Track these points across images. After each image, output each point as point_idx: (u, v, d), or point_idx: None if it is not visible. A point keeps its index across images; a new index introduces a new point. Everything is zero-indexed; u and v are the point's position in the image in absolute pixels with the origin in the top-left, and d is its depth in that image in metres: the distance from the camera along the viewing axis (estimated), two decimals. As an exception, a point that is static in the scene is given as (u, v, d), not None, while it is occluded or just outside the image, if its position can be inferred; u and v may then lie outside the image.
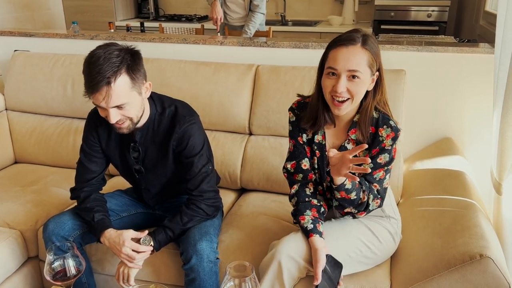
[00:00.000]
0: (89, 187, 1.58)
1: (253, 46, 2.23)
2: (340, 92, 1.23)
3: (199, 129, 1.53)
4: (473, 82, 1.97)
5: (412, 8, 3.56)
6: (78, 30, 2.62)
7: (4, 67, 2.60)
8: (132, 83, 1.34)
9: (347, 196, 1.29)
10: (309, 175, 1.43)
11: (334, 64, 1.24)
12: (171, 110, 1.51)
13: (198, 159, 1.49)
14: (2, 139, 2.23)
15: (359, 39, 1.24)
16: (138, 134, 1.50)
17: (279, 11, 4.30)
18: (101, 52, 1.30)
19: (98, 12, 4.30)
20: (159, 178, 1.59)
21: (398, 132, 1.31)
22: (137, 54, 1.38)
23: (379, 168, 1.33)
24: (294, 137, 1.44)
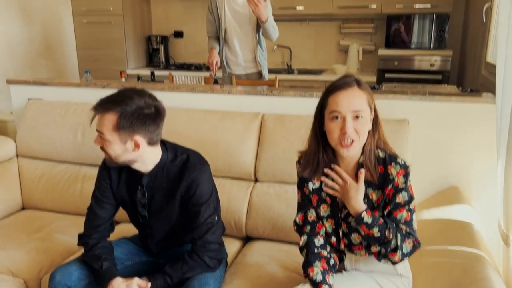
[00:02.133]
0: (98, 234, 1.59)
1: (259, 95, 2.28)
2: (349, 133, 1.26)
3: (208, 178, 1.54)
4: (477, 131, 1.98)
5: (415, 58, 3.65)
6: (90, 79, 2.71)
7: (17, 114, 2.68)
8: (117, 128, 1.38)
9: (369, 232, 1.28)
10: (317, 226, 1.42)
11: (337, 107, 1.28)
12: (183, 158, 1.54)
13: (205, 208, 1.50)
14: (12, 186, 2.26)
15: (353, 82, 1.30)
16: (145, 178, 1.53)
17: (286, 60, 4.42)
18: (127, 90, 1.43)
19: (110, 61, 4.45)
20: (164, 224, 1.60)
21: (407, 169, 1.32)
22: (150, 115, 1.40)
23: (399, 208, 1.32)
24: (301, 188, 1.46)
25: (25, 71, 3.89)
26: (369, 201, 1.34)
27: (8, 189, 2.23)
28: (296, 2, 3.97)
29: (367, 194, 1.35)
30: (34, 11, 3.97)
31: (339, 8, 3.88)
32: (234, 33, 3.11)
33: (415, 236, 1.33)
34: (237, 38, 3.12)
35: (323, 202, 1.42)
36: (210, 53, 3.12)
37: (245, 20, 3.04)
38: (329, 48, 4.33)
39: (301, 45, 4.38)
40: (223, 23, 3.09)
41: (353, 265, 1.44)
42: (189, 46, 4.74)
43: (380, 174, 1.33)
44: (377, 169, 1.33)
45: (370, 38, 4.18)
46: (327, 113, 1.31)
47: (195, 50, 4.72)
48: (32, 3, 3.94)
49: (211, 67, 3.09)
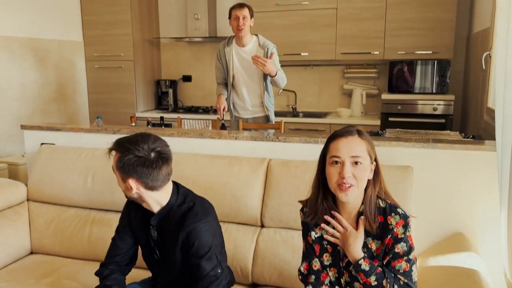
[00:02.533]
0: (114, 265, 1.68)
1: (265, 140, 2.34)
2: (347, 178, 1.31)
3: (209, 230, 1.54)
4: (480, 178, 2.01)
5: (418, 102, 3.73)
6: (101, 124, 2.79)
7: (30, 158, 2.75)
8: (117, 168, 1.50)
9: (367, 280, 1.30)
10: (322, 275, 1.44)
11: (337, 153, 1.34)
12: (189, 205, 1.58)
13: (206, 261, 1.49)
14: (21, 230, 2.29)
15: (355, 132, 1.37)
16: (154, 219, 1.59)
17: (291, 103, 4.53)
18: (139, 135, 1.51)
19: (120, 104, 4.58)
20: (171, 266, 1.61)
21: (407, 219, 1.34)
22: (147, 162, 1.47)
23: (398, 258, 1.33)
24: (305, 237, 1.49)
25: (37, 115, 4.01)
26: (369, 251, 1.36)
27: (18, 234, 2.26)
28: (301, 48, 4.12)
29: (367, 243, 1.37)
30: (49, 57, 4.14)
31: (343, 55, 4.01)
32: (242, 80, 3.22)
33: (413, 287, 1.34)
34: (245, 84, 3.23)
35: (325, 251, 1.44)
36: (218, 99, 3.22)
37: (253, 68, 3.16)
38: (333, 91, 4.44)
39: (306, 89, 4.50)
40: (231, 70, 3.21)
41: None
42: (197, 90, 4.88)
43: (379, 223, 1.36)
44: (377, 219, 1.36)
45: (373, 82, 4.29)
46: (328, 158, 1.37)
47: (203, 93, 4.85)
48: (47, 49, 4.11)
49: (219, 112, 3.19)
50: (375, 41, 3.91)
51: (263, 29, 4.10)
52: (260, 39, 3.19)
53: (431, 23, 3.73)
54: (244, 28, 3.06)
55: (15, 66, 3.76)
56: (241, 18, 3.04)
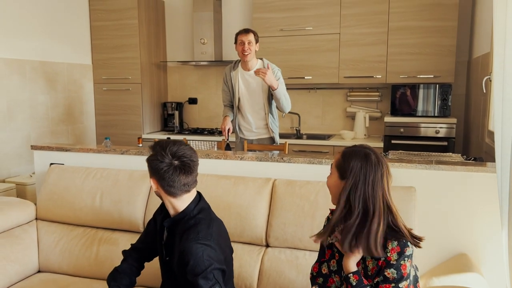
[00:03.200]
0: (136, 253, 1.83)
1: (270, 161, 2.39)
2: None
3: (204, 250, 1.51)
4: (482, 199, 2.04)
5: (421, 125, 3.78)
6: (109, 145, 2.85)
7: (39, 178, 2.80)
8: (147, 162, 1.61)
9: None
10: (329, 280, 1.49)
11: None
12: (196, 221, 1.59)
13: (202, 280, 1.47)
14: (29, 249, 2.32)
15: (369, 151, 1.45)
16: (168, 221, 1.65)
17: (294, 126, 4.59)
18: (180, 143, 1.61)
19: (127, 126, 4.66)
20: (172, 274, 1.64)
21: (404, 248, 1.35)
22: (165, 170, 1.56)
23: (387, 283, 1.35)
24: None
25: (46, 136, 4.08)
26: (365, 267, 1.41)
27: (26, 252, 2.29)
28: (305, 72, 4.21)
29: (366, 259, 1.42)
30: (58, 79, 4.24)
31: (346, 78, 4.09)
32: (247, 103, 3.30)
33: None
34: (250, 107, 3.30)
35: (333, 257, 1.50)
36: (224, 121, 3.30)
37: (258, 91, 3.24)
38: (336, 114, 4.51)
39: (310, 112, 4.57)
40: (237, 93, 3.28)
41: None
42: (203, 112, 4.96)
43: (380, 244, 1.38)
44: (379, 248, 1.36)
45: (376, 105, 4.36)
46: None
47: (208, 115, 4.93)
48: (57, 72, 4.22)
49: (224, 133, 3.25)
50: (377, 65, 3.99)
51: (268, 53, 4.21)
52: (265, 62, 3.27)
53: (432, 48, 3.82)
54: (249, 53, 3.15)
55: (26, 88, 3.86)
56: (247, 43, 3.13)
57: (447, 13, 3.74)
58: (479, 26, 3.60)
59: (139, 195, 2.27)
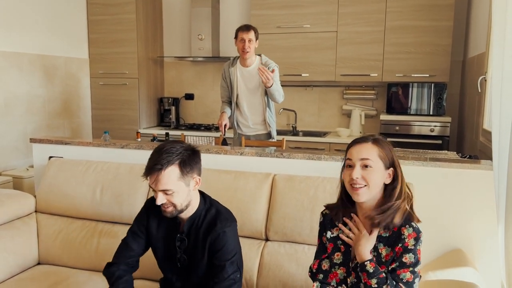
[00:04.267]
0: (125, 266, 1.68)
1: (270, 157, 2.41)
2: (356, 178, 1.40)
3: (235, 235, 1.64)
4: (477, 196, 2.09)
5: (416, 123, 3.83)
6: (109, 139, 2.86)
7: (38, 171, 2.81)
8: (181, 175, 1.53)
9: (368, 281, 1.36)
10: (329, 275, 1.52)
11: (350, 156, 1.46)
12: (216, 210, 1.66)
13: (229, 265, 1.57)
14: (29, 241, 2.33)
15: (369, 139, 1.48)
16: (185, 225, 1.64)
17: (291, 123, 4.62)
18: (167, 145, 1.55)
19: (123, 121, 4.66)
20: (199, 269, 1.65)
21: (419, 233, 1.42)
22: (195, 153, 1.59)
23: (404, 268, 1.39)
24: (320, 237, 1.59)
25: (42, 130, 4.07)
26: (378, 255, 1.44)
27: (26, 244, 2.30)
28: (302, 69, 4.24)
29: (378, 248, 1.45)
30: (55, 73, 4.23)
31: (342, 76, 4.13)
32: (245, 99, 3.32)
33: None
34: (248, 103, 3.33)
35: (338, 250, 1.53)
36: (221, 116, 3.32)
37: (256, 87, 3.26)
38: (332, 112, 4.55)
39: (306, 109, 4.60)
40: (235, 89, 3.31)
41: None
42: (199, 108, 4.97)
43: (393, 232, 1.43)
44: (392, 226, 1.42)
45: (371, 103, 4.40)
46: (345, 162, 1.49)
47: (205, 111, 4.95)
48: (54, 66, 4.21)
49: (220, 128, 3.28)
50: (373, 63, 4.04)
51: (265, 50, 4.23)
52: (263, 59, 3.30)
53: (428, 48, 3.87)
54: (249, 51, 3.17)
55: (23, 82, 3.85)
56: (247, 41, 3.15)
57: (443, 13, 3.79)
58: (475, 26, 3.65)
59: (140, 189, 2.28)
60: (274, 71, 3.15)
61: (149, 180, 1.54)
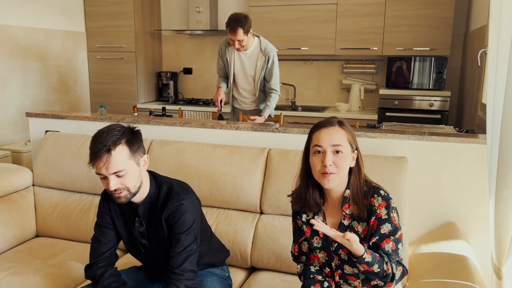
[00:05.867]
0: (104, 262, 1.64)
1: (266, 131, 2.41)
2: (329, 166, 1.37)
3: (192, 207, 1.60)
4: (472, 170, 2.09)
5: (415, 98, 3.80)
6: (105, 113, 2.85)
7: (35, 145, 2.81)
8: (131, 153, 1.50)
9: (369, 269, 1.33)
10: (311, 256, 1.52)
11: (319, 142, 1.40)
12: (168, 186, 1.63)
13: (185, 236, 1.55)
14: (27, 214, 2.35)
15: (336, 122, 1.44)
16: (141, 208, 1.61)
17: (290, 97, 4.59)
18: (105, 128, 1.51)
19: (121, 95, 4.64)
20: (162, 251, 1.64)
21: (389, 200, 1.41)
22: (137, 132, 1.56)
23: (385, 238, 1.39)
24: (294, 220, 1.57)
25: (39, 104, 4.06)
26: (356, 233, 1.42)
27: (24, 217, 2.33)
28: (301, 43, 4.18)
29: (353, 226, 1.44)
30: (51, 47, 4.18)
31: (342, 50, 4.07)
32: (241, 80, 3.28)
33: (402, 263, 1.41)
34: (243, 85, 3.30)
35: (316, 234, 1.50)
36: (217, 92, 3.29)
37: (251, 72, 3.23)
38: (332, 86, 4.51)
39: (305, 83, 4.57)
40: (232, 70, 3.26)
41: (349, 298, 1.51)
42: (198, 82, 4.94)
43: (364, 206, 1.42)
44: (363, 203, 1.42)
45: (371, 77, 4.36)
46: (311, 148, 1.44)
47: (203, 85, 4.91)
48: (50, 39, 4.16)
49: (216, 103, 3.26)
50: (374, 37, 3.97)
51: (264, 23, 4.16)
52: (262, 43, 3.17)
53: (429, 21, 3.80)
54: (241, 48, 3.09)
55: (19, 55, 3.81)
56: (237, 42, 3.03)
57: (445, -16, 3.71)
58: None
59: (135, 163, 2.29)
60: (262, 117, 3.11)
61: (96, 166, 1.47)
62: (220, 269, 1.82)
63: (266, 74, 3.19)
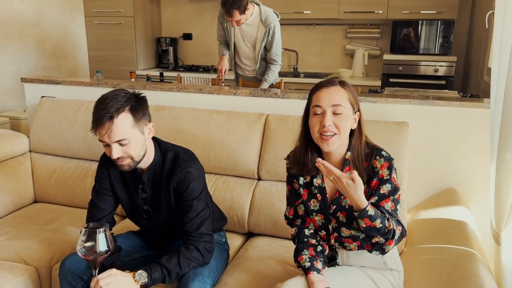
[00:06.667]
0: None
1: (264, 96, 2.36)
2: (328, 126, 1.32)
3: (199, 174, 1.58)
4: (474, 135, 2.04)
5: (420, 63, 3.71)
6: (101, 78, 2.80)
7: (31, 111, 2.78)
8: (134, 121, 1.45)
9: (372, 224, 1.28)
10: (307, 219, 1.49)
11: (318, 102, 1.35)
12: (173, 153, 1.59)
13: (197, 202, 1.54)
14: (24, 179, 2.35)
15: (337, 82, 1.38)
16: (145, 175, 1.58)
17: (292, 64, 4.49)
18: (109, 94, 1.45)
19: (120, 62, 4.56)
20: (165, 218, 1.64)
21: (392, 161, 1.37)
22: (142, 98, 1.51)
23: (385, 198, 1.37)
24: (290, 183, 1.53)
25: (37, 71, 4.01)
26: None
27: (21, 183, 2.32)
28: (304, 6, 4.05)
29: None
30: (48, 12, 4.09)
31: (346, 13, 3.95)
32: (242, 49, 3.19)
33: (401, 223, 1.38)
34: (244, 53, 3.20)
35: (313, 197, 1.47)
36: (220, 60, 3.20)
37: (252, 42, 3.12)
38: (335, 52, 4.40)
39: (308, 49, 4.46)
40: (232, 38, 3.16)
41: (345, 261, 1.49)
42: (198, 48, 4.83)
43: (365, 168, 1.39)
44: (363, 165, 1.38)
45: (376, 42, 4.25)
46: (311, 109, 1.39)
47: (204, 52, 4.81)
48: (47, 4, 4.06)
49: (220, 74, 3.18)
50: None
51: (265, -15, 4.02)
52: (262, 13, 3.02)
53: (436, -18, 3.65)
54: (239, 24, 2.97)
55: (14, 19, 3.72)
56: (234, 22, 2.92)
57: None
58: (488, -43, 3.42)
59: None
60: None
61: (99, 133, 1.42)
62: (217, 235, 1.81)
63: (267, 44, 3.10)
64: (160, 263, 1.46)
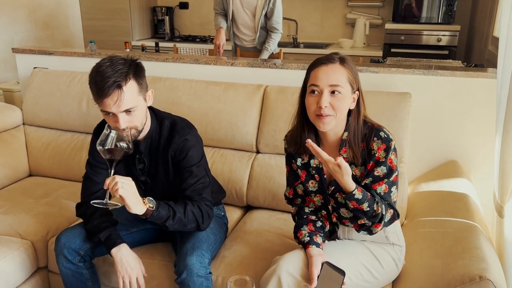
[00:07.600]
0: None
1: (262, 67, 2.29)
2: (324, 108, 1.26)
3: (198, 142, 1.56)
4: (479, 106, 1.99)
5: (423, 33, 3.61)
6: (95, 49, 2.71)
7: (23, 83, 2.71)
8: (139, 88, 1.40)
9: (359, 206, 1.27)
10: (306, 198, 1.47)
11: (316, 81, 1.29)
12: (170, 122, 1.56)
13: (196, 168, 1.51)
14: (18, 153, 2.31)
15: (336, 59, 1.31)
16: (142, 145, 1.54)
17: (291, 34, 4.38)
18: (106, 60, 1.38)
19: (115, 32, 4.44)
20: (163, 188, 1.61)
21: (389, 143, 1.32)
22: (140, 64, 1.46)
23: (378, 181, 1.33)
24: (288, 164, 1.49)
25: (30, 41, 3.90)
26: (353, 177, 1.32)
27: (15, 156, 2.28)
28: (303, -27, 3.92)
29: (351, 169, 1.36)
30: (39, -21, 3.94)
31: (347, -20, 3.82)
32: (241, 17, 3.09)
33: (393, 206, 1.36)
34: (243, 21, 3.10)
35: (312, 178, 1.43)
36: (217, 34, 3.11)
37: (251, 9, 3.02)
38: (335, 21, 4.28)
39: (308, 18, 4.34)
40: (231, 5, 3.06)
41: (346, 235, 1.48)
42: (195, 18, 4.71)
43: (362, 150, 1.34)
44: (360, 148, 1.34)
45: (377, 11, 4.13)
46: (308, 87, 1.33)
47: (201, 21, 4.69)
48: (37, -28, 3.91)
49: (218, 49, 3.09)
50: (381, -35, 3.71)
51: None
52: None
53: None
54: None
55: (3, -12, 3.60)
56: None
57: None
58: None
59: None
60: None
61: (105, 104, 1.35)
62: (216, 208, 1.78)
63: (267, 12, 3.00)
64: (168, 203, 1.42)
